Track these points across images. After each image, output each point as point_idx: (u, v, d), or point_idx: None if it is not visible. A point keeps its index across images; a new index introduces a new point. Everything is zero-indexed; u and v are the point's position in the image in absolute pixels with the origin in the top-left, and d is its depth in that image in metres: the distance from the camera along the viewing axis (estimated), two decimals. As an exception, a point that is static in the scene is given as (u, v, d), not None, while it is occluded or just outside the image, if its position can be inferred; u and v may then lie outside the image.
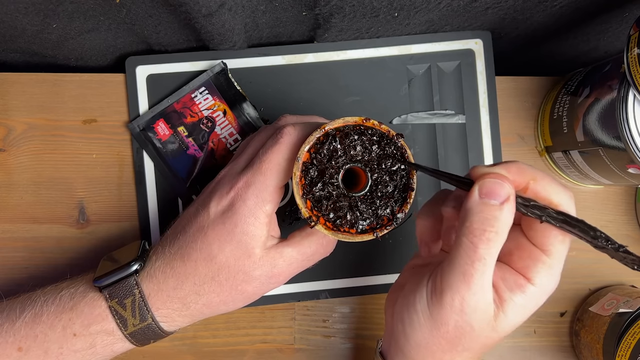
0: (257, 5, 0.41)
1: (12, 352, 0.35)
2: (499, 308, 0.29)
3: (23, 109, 0.47)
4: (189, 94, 0.47)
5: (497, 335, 0.30)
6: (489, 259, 0.28)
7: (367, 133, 0.33)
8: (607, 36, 0.47)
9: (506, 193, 0.27)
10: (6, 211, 0.47)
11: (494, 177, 0.28)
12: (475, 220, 0.28)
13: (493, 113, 0.49)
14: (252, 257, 0.35)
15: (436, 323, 0.30)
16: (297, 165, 0.33)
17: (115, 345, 0.36)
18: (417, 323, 0.31)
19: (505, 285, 0.29)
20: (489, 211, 0.27)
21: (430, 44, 0.49)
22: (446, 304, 0.29)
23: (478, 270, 0.28)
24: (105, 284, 0.36)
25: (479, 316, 0.29)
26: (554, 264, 0.29)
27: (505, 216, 0.27)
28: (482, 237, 0.27)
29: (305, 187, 0.33)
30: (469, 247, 0.28)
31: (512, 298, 0.29)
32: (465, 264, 0.28)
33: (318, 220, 0.33)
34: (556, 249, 0.29)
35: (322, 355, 0.48)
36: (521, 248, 0.30)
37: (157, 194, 0.47)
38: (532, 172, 0.29)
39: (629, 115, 0.37)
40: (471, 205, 0.28)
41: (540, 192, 0.29)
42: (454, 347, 0.30)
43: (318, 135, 0.33)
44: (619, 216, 0.50)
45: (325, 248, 0.37)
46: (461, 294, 0.28)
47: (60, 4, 0.38)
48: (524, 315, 0.30)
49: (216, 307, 0.37)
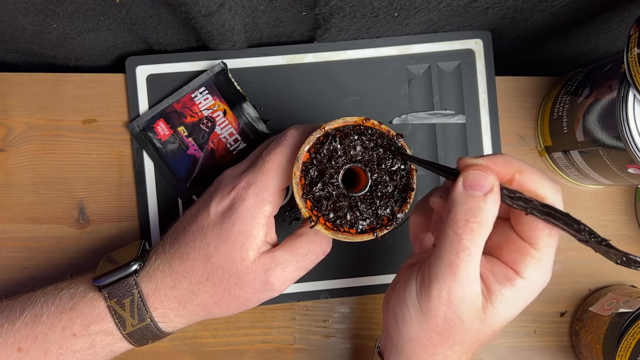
0: (257, 5, 0.41)
1: (12, 352, 0.35)
2: (487, 300, 0.29)
3: (23, 109, 0.47)
4: (189, 94, 0.47)
5: (488, 328, 0.30)
6: (474, 249, 0.28)
7: (367, 133, 0.33)
8: (607, 36, 0.47)
9: (490, 184, 0.28)
10: (6, 211, 0.47)
11: (477, 169, 0.28)
12: (460, 211, 0.28)
13: (493, 113, 0.49)
14: (245, 260, 0.35)
15: (425, 315, 0.30)
16: (297, 165, 0.33)
17: (114, 345, 0.36)
18: (408, 317, 0.31)
19: (494, 278, 0.30)
20: (472, 202, 0.28)
21: (430, 44, 0.49)
22: (434, 296, 0.29)
23: (463, 260, 0.28)
24: (104, 283, 0.36)
25: (466, 307, 0.29)
26: (543, 257, 0.29)
27: (489, 207, 0.28)
28: (465, 227, 0.28)
29: (305, 187, 0.33)
30: (454, 238, 0.28)
31: (501, 290, 0.29)
32: (450, 254, 0.28)
33: (318, 220, 0.33)
34: (544, 242, 0.29)
35: (322, 355, 0.48)
36: (510, 242, 0.30)
37: (157, 194, 0.47)
38: (518, 164, 0.29)
39: (629, 115, 0.37)
40: (455, 197, 0.28)
41: (525, 184, 0.29)
42: (444, 340, 0.30)
43: (318, 135, 0.33)
44: (619, 216, 0.50)
45: (319, 246, 0.37)
46: (448, 285, 0.29)
47: (60, 4, 0.38)
48: (515, 310, 0.30)
49: (210, 310, 0.37)
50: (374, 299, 0.49)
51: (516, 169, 0.29)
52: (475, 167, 0.28)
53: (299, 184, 0.33)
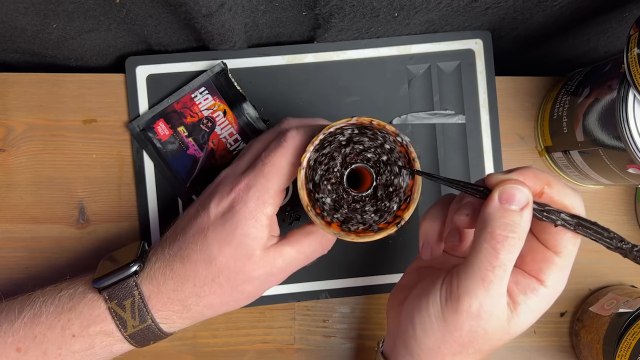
0: (257, 5, 0.41)
1: (11, 352, 0.35)
2: (512, 312, 0.30)
3: (23, 109, 0.47)
4: (189, 94, 0.47)
5: (508, 337, 0.30)
6: (509, 265, 0.28)
7: (376, 134, 0.33)
8: (607, 36, 0.47)
9: (526, 198, 0.28)
10: (6, 211, 0.47)
11: (513, 183, 0.28)
12: (497, 226, 0.28)
13: (493, 113, 0.49)
14: (252, 258, 0.35)
15: (449, 328, 0.30)
16: (301, 167, 0.33)
17: (114, 346, 0.36)
18: (429, 327, 0.31)
19: (518, 289, 0.30)
20: (509, 217, 0.28)
21: (430, 44, 0.49)
22: (463, 310, 0.29)
23: (498, 275, 0.28)
24: (104, 285, 0.36)
25: (493, 321, 0.29)
26: (565, 264, 0.30)
27: (525, 221, 0.28)
28: (504, 243, 0.28)
29: (309, 188, 0.33)
30: (490, 253, 0.28)
31: (526, 302, 0.30)
32: (485, 269, 0.28)
33: (323, 221, 0.33)
34: (568, 249, 0.29)
35: (322, 355, 0.48)
36: (534, 251, 0.30)
37: (157, 194, 0.47)
38: (546, 177, 0.29)
39: (629, 115, 0.37)
40: (491, 211, 0.28)
41: (554, 196, 0.29)
42: (464, 349, 0.30)
43: (321, 137, 0.33)
44: (619, 216, 0.50)
45: (323, 247, 0.37)
46: (479, 300, 0.28)
47: (60, 4, 0.38)
48: (535, 317, 0.31)
49: (217, 308, 0.37)
50: (374, 299, 0.49)
51: (545, 182, 0.29)
52: (510, 182, 0.28)
53: (303, 186, 0.33)
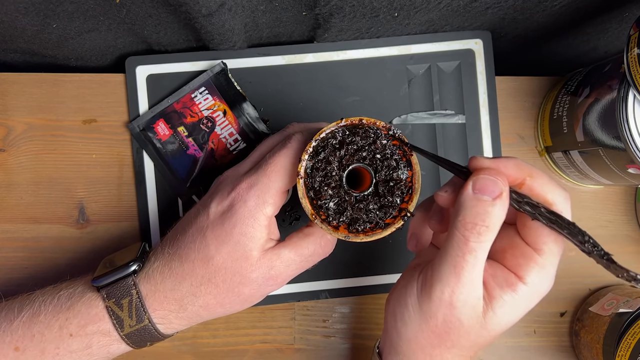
0: (257, 5, 0.41)
1: (9, 351, 0.35)
2: (487, 305, 0.29)
3: (23, 109, 0.47)
4: (189, 94, 0.47)
5: (487, 333, 0.30)
6: (480, 252, 0.28)
7: (368, 132, 0.33)
8: (607, 36, 0.47)
9: (499, 189, 0.28)
10: (6, 211, 0.47)
11: (488, 174, 0.28)
12: (468, 214, 0.28)
13: (493, 113, 0.49)
14: (249, 259, 0.35)
15: (425, 316, 0.30)
16: (299, 177, 0.33)
17: (111, 346, 0.36)
18: (407, 317, 0.31)
19: (495, 282, 0.30)
20: (481, 206, 0.28)
21: (430, 44, 0.49)
22: (435, 297, 0.29)
23: (469, 262, 0.28)
24: (103, 284, 0.36)
25: (467, 311, 0.29)
26: (546, 264, 0.29)
27: (497, 211, 0.28)
28: (473, 230, 0.28)
29: (311, 196, 0.33)
30: (461, 240, 0.28)
31: (502, 295, 0.29)
32: (456, 255, 0.28)
33: (330, 226, 0.33)
34: (549, 248, 0.29)
35: (322, 355, 0.48)
36: (514, 246, 0.30)
37: (157, 194, 0.47)
38: (529, 169, 0.29)
39: (629, 115, 0.37)
40: (464, 199, 0.28)
41: (535, 188, 0.29)
42: (442, 341, 0.30)
43: (314, 144, 0.33)
44: (619, 216, 0.50)
45: (323, 248, 0.37)
46: (451, 287, 0.29)
47: (60, 4, 0.38)
48: (515, 315, 0.30)
49: (213, 310, 0.37)
50: (374, 299, 0.49)
51: (527, 173, 0.29)
52: (485, 171, 0.28)
53: (303, 186, 0.33)
